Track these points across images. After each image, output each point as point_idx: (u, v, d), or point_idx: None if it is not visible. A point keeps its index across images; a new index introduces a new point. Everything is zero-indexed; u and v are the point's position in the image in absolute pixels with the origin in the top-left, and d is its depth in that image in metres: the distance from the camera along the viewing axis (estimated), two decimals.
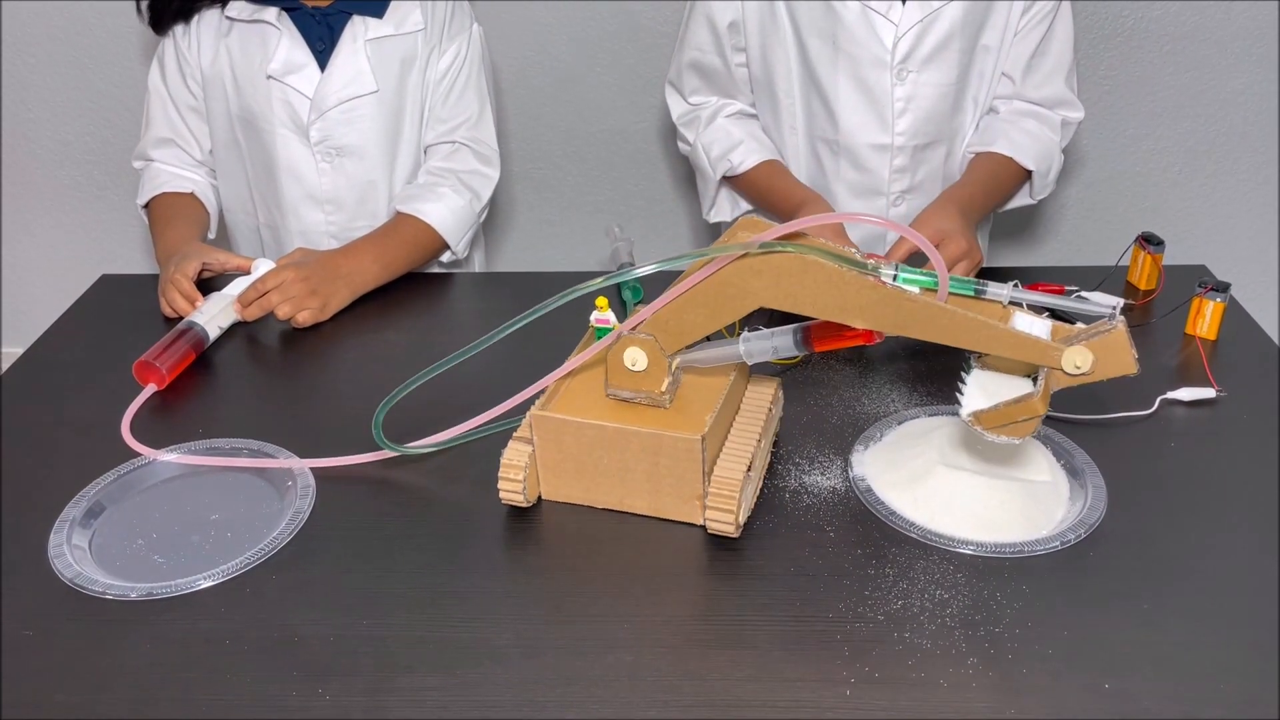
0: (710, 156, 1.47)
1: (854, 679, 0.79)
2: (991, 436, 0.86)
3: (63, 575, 0.91)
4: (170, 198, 1.51)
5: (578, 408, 0.94)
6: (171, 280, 1.32)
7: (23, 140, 2.28)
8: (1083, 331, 0.84)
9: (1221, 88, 2.10)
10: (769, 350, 0.92)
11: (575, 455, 0.94)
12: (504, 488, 0.95)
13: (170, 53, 1.49)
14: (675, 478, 0.93)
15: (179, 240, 1.42)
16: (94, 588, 0.90)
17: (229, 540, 0.95)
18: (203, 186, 1.54)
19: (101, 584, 0.90)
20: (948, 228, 1.24)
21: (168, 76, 1.50)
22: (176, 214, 1.49)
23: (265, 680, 0.81)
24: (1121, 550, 0.90)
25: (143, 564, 0.94)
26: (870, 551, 0.91)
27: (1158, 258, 1.30)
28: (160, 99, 1.51)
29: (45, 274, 2.45)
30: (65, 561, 0.92)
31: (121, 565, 0.94)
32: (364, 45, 1.43)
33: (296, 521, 0.96)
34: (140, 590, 0.89)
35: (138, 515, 1.00)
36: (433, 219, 1.44)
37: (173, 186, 1.51)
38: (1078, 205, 2.27)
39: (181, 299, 1.30)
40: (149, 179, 1.52)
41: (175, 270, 1.32)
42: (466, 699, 0.78)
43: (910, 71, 1.36)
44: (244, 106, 1.46)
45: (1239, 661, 0.79)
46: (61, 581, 0.90)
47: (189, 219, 1.49)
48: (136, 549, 0.95)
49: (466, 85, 1.52)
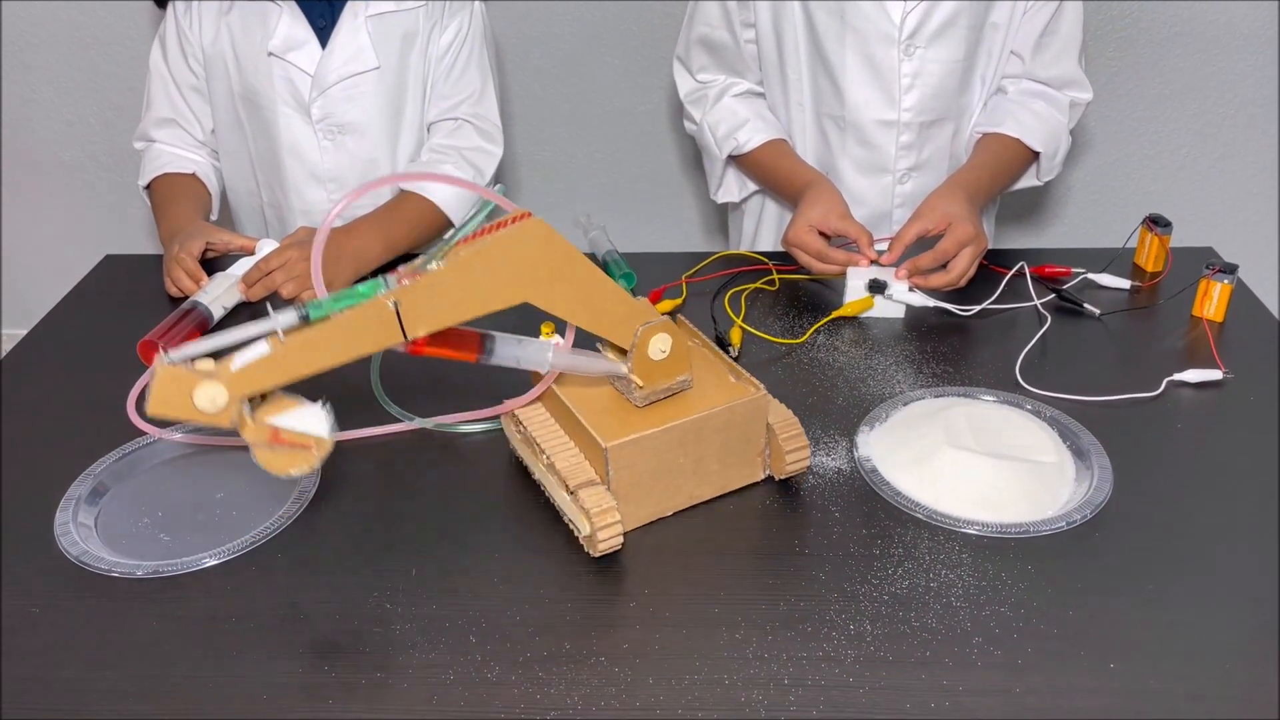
0: (717, 135, 1.46)
1: (860, 658, 0.79)
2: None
3: (69, 553, 0.91)
4: (172, 178, 1.51)
5: (627, 426, 0.89)
6: (176, 259, 1.32)
7: (26, 121, 2.27)
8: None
9: (1229, 70, 2.09)
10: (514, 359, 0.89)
11: (651, 470, 0.90)
12: (606, 535, 0.86)
13: (172, 32, 1.48)
14: (743, 444, 0.94)
15: (182, 220, 1.42)
16: (100, 565, 0.90)
17: (234, 518, 0.96)
18: (204, 167, 1.54)
19: (108, 562, 0.90)
20: (954, 212, 1.24)
21: (169, 56, 1.49)
22: (179, 194, 1.49)
23: (271, 658, 0.81)
24: (1127, 531, 0.90)
25: (148, 542, 0.94)
26: (876, 532, 0.91)
27: (1165, 239, 1.30)
28: (161, 79, 1.51)
29: (49, 254, 2.44)
30: (71, 539, 0.92)
31: (127, 544, 0.94)
32: (365, 22, 1.43)
33: (302, 500, 0.96)
34: (146, 568, 0.89)
35: (143, 493, 1.00)
36: (436, 196, 1.44)
37: (175, 167, 1.51)
38: (1085, 188, 2.26)
39: (186, 278, 1.30)
40: (150, 160, 1.52)
41: (180, 249, 1.32)
42: (472, 676, 0.79)
43: (918, 47, 1.35)
44: (245, 84, 1.45)
45: (1243, 642, 0.79)
46: (68, 559, 0.91)
47: (191, 199, 1.49)
48: (142, 527, 0.96)
49: (469, 61, 1.51)
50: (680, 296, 1.29)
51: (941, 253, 1.21)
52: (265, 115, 1.46)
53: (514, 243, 0.80)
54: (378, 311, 0.78)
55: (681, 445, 0.91)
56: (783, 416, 0.95)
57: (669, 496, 0.93)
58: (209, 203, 1.53)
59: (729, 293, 1.30)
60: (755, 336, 1.21)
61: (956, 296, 1.25)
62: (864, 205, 1.43)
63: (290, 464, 0.82)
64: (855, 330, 1.23)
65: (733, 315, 1.25)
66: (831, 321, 1.24)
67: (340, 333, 0.78)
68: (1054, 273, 1.30)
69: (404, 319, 0.79)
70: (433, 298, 0.79)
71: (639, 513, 0.92)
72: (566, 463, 0.91)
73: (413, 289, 0.79)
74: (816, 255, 1.26)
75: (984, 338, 1.20)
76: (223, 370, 0.77)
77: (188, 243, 1.33)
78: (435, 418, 1.05)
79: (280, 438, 0.81)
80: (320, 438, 0.82)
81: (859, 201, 1.33)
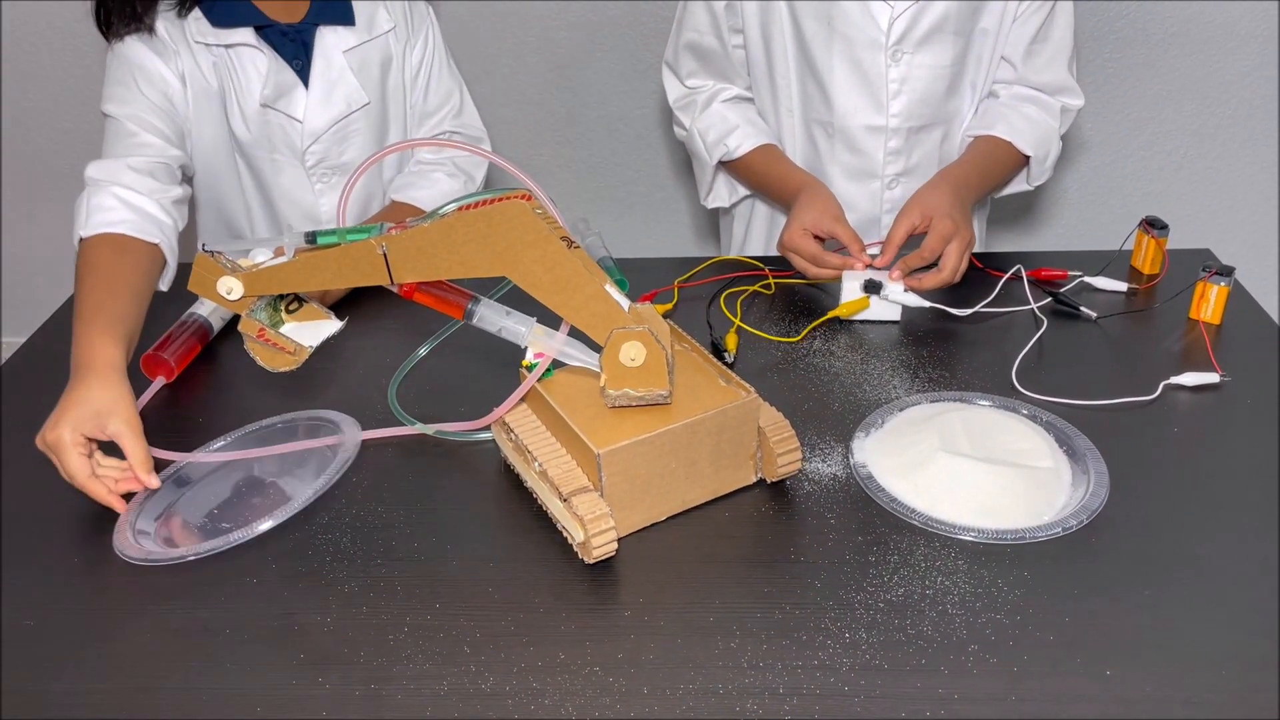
0: (706, 142, 1.46)
1: (856, 666, 0.79)
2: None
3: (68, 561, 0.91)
4: (122, 251, 1.16)
5: (619, 432, 0.89)
6: (88, 474, 0.96)
7: (25, 129, 2.27)
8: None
9: (1226, 71, 2.09)
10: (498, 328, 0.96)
11: (644, 475, 0.90)
12: (600, 542, 0.86)
13: (133, 78, 1.31)
14: (735, 448, 0.94)
15: (110, 347, 1.03)
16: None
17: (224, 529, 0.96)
18: (169, 229, 1.23)
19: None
20: (937, 207, 1.24)
21: (131, 97, 1.31)
22: (118, 292, 1.11)
23: (265, 669, 0.81)
24: (1123, 536, 0.90)
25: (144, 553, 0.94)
26: (871, 538, 0.91)
27: (1162, 242, 1.30)
28: (125, 118, 1.30)
29: (47, 263, 2.44)
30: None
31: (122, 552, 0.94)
32: (342, 58, 1.37)
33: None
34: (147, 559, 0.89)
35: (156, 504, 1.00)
36: (427, 206, 1.43)
37: (135, 229, 1.18)
38: (1082, 190, 2.26)
39: (110, 495, 0.97)
40: (100, 202, 1.19)
41: (76, 445, 0.96)
42: (466, 687, 0.78)
43: (905, 53, 1.35)
44: (234, 134, 1.37)
45: (1240, 648, 0.79)
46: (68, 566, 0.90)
47: (135, 304, 1.12)
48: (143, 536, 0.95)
49: (441, 72, 1.49)
50: (671, 301, 1.29)
51: (928, 251, 1.21)
52: (257, 164, 1.40)
53: (494, 216, 0.85)
54: (368, 252, 0.88)
55: (673, 450, 0.90)
56: (773, 419, 0.95)
57: (662, 501, 0.93)
58: (151, 292, 1.18)
59: (724, 296, 1.30)
60: (752, 341, 1.20)
61: (952, 298, 1.25)
62: (853, 211, 1.43)
63: (274, 361, 0.96)
64: (851, 335, 1.23)
65: (731, 316, 1.24)
66: (827, 326, 1.24)
67: (337, 262, 0.89)
68: (1050, 276, 1.30)
69: (391, 264, 0.88)
70: (416, 250, 0.88)
71: (632, 518, 0.92)
72: (559, 470, 0.91)
73: (399, 238, 0.87)
74: (811, 260, 1.26)
75: (980, 342, 1.20)
76: (241, 268, 0.91)
77: (106, 425, 0.97)
78: (434, 424, 1.05)
79: (265, 336, 0.94)
80: (301, 345, 0.95)
81: (848, 207, 1.33)
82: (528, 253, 0.86)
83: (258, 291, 0.92)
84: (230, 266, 0.92)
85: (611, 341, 0.89)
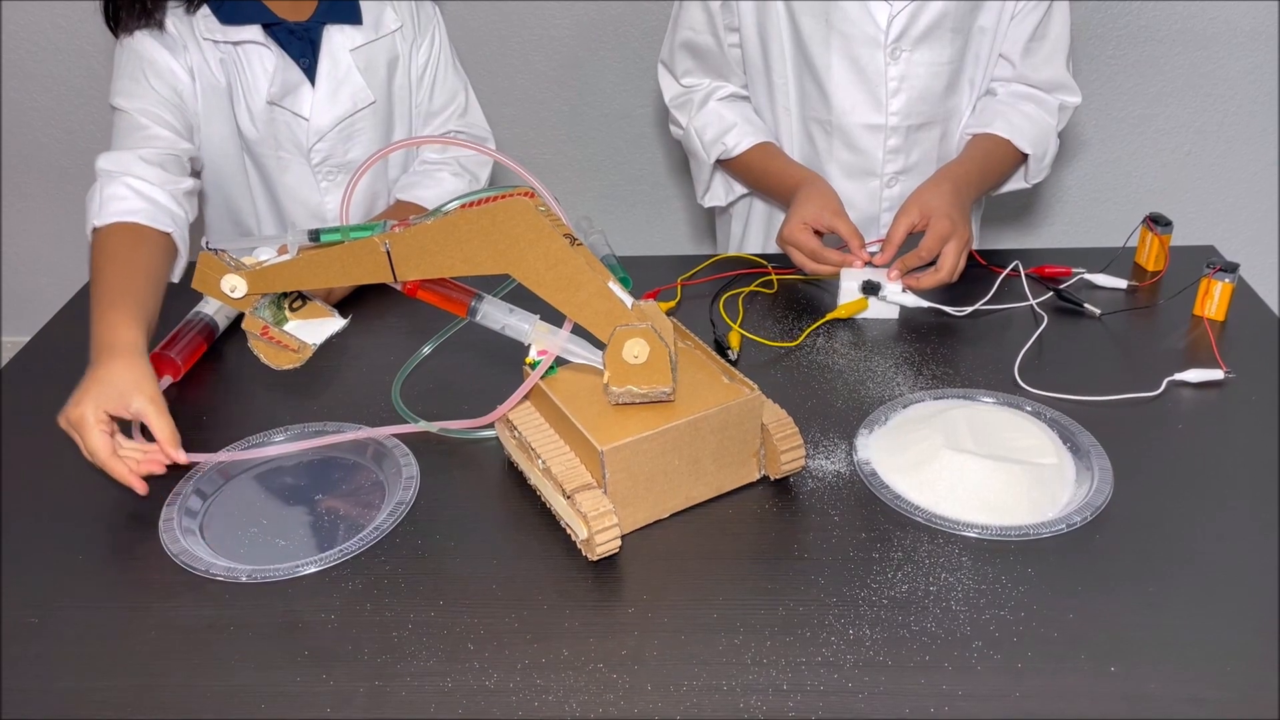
0: (704, 140, 1.46)
1: (859, 663, 0.78)
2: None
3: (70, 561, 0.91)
4: (138, 239, 1.16)
5: (622, 429, 0.89)
6: (111, 454, 0.96)
7: (26, 129, 2.27)
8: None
9: (1230, 67, 2.08)
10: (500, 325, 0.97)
11: (647, 472, 0.90)
12: (604, 539, 0.86)
13: (143, 72, 1.30)
14: (738, 445, 0.94)
15: (134, 333, 1.04)
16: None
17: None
18: (180, 219, 1.23)
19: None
20: (934, 206, 1.24)
21: (141, 91, 1.29)
22: (136, 277, 1.12)
23: (269, 667, 0.81)
24: (1127, 533, 0.90)
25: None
26: (875, 535, 0.91)
27: (1165, 238, 1.29)
28: (135, 111, 1.29)
29: (50, 262, 2.45)
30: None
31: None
32: (349, 56, 1.37)
33: (397, 513, 0.96)
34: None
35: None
36: (432, 205, 1.43)
37: (149, 218, 1.19)
38: (1085, 186, 2.26)
39: (131, 475, 0.96)
40: (112, 194, 1.20)
41: (100, 423, 0.96)
42: (470, 684, 0.78)
43: (904, 51, 1.35)
44: (241, 131, 1.38)
45: (1244, 644, 0.79)
46: (68, 566, 0.91)
47: (157, 285, 1.14)
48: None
49: (447, 72, 1.49)
50: (674, 299, 1.29)
51: (926, 250, 1.21)
52: (264, 162, 1.41)
53: (497, 213, 0.85)
54: (371, 250, 0.88)
55: (677, 447, 0.90)
56: (777, 416, 0.95)
57: (665, 498, 0.93)
58: (167, 277, 1.20)
59: (725, 295, 1.30)
60: (752, 341, 1.20)
61: (951, 296, 1.25)
62: (852, 209, 1.42)
63: (278, 359, 0.96)
64: (854, 332, 1.22)
65: (729, 321, 1.24)
66: (829, 324, 1.24)
67: (340, 260, 0.89)
68: (1054, 273, 1.30)
69: (394, 262, 0.88)
70: (419, 247, 0.88)
71: (636, 515, 0.92)
72: (562, 467, 0.91)
73: (402, 235, 0.87)
74: (811, 254, 1.26)
75: (983, 338, 1.20)
76: (245, 266, 0.92)
77: (129, 404, 0.97)
78: (438, 422, 1.05)
79: (269, 334, 0.95)
80: (305, 343, 0.95)
81: (847, 205, 1.33)
82: (531, 250, 0.86)
83: (261, 289, 0.93)
84: (234, 264, 0.92)
85: (615, 339, 0.88)
